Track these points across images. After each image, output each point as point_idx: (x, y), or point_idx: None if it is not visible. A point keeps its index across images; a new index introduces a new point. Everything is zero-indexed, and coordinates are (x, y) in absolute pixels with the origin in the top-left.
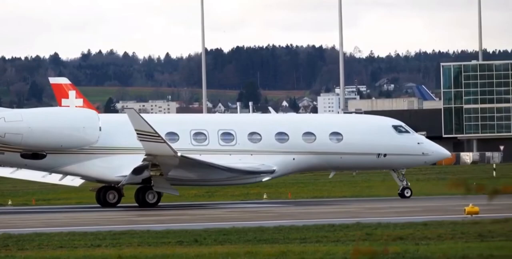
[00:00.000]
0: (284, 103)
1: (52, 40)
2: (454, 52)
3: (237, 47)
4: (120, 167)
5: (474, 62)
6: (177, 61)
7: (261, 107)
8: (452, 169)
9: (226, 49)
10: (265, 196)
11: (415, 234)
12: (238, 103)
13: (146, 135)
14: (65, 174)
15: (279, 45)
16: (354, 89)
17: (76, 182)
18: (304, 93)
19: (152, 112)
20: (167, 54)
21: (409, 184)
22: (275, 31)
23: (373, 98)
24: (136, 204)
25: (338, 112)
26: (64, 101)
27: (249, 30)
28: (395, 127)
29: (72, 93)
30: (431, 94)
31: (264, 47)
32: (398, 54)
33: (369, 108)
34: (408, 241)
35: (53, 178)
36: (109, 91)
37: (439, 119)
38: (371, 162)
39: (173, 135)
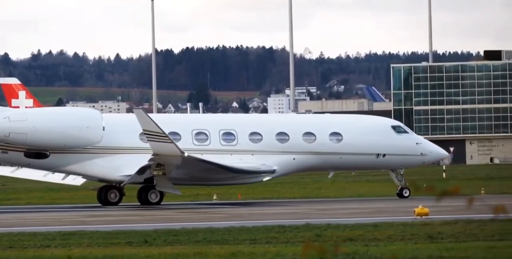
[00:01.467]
0: (234, 104)
1: (2, 40)
2: (404, 53)
3: (187, 48)
4: (122, 167)
5: (424, 63)
6: (127, 62)
7: (211, 108)
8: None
9: (176, 50)
10: (215, 197)
11: (365, 235)
12: (188, 104)
13: (154, 135)
14: (68, 173)
15: (229, 46)
16: (304, 91)
17: (78, 181)
18: (254, 94)
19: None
20: (117, 55)
21: (407, 183)
22: (226, 32)
23: (323, 99)
24: (138, 203)
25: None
26: (14, 101)
27: (200, 31)
28: (394, 128)
29: (22, 93)
30: (381, 96)
31: (214, 48)
32: (348, 55)
33: (319, 110)
34: (358, 242)
35: (55, 177)
36: (59, 92)
37: None
38: (370, 162)
39: (175, 135)
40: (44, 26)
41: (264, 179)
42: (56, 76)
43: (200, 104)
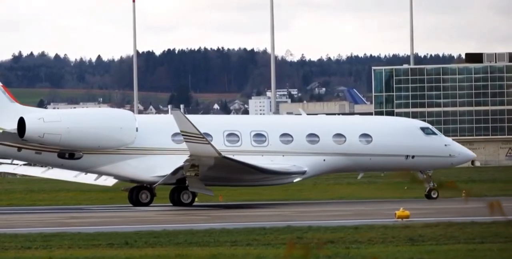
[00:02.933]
0: (216, 106)
1: None
2: (385, 56)
3: (169, 49)
4: (155, 168)
5: (405, 66)
6: (109, 64)
7: (193, 110)
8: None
9: (158, 52)
10: (196, 199)
11: (346, 238)
12: (169, 106)
13: (191, 136)
14: (101, 174)
15: (211, 48)
16: (286, 93)
17: (109, 182)
18: (235, 96)
19: None
20: (99, 57)
21: (435, 185)
22: (207, 33)
23: (305, 101)
24: (169, 204)
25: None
26: None
27: (181, 32)
28: (423, 129)
29: None
30: (362, 98)
31: (196, 50)
32: (329, 57)
33: (300, 112)
34: (339, 245)
35: (85, 178)
36: (41, 93)
37: None
38: (399, 163)
39: (206, 136)
40: (26, 27)
41: (295, 180)
42: (37, 78)
43: (182, 106)
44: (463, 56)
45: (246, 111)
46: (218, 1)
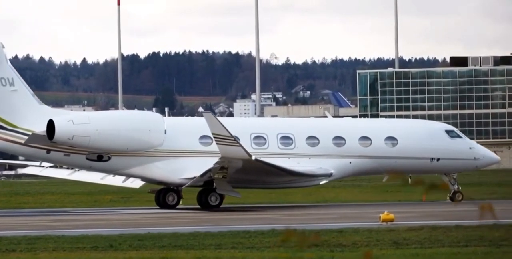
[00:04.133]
0: (200, 109)
1: None
2: (370, 59)
3: (154, 52)
4: (183, 170)
5: (390, 69)
6: (94, 67)
7: (177, 113)
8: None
9: (142, 55)
10: (181, 202)
11: (331, 241)
12: (154, 109)
13: (223, 138)
14: (129, 176)
15: (196, 51)
16: (270, 96)
17: (136, 183)
18: (220, 99)
19: None
20: (84, 59)
21: (460, 188)
22: (192, 37)
23: (289, 105)
24: (197, 206)
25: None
26: None
27: (166, 35)
28: (448, 132)
29: None
30: (347, 102)
31: (181, 53)
32: (314, 61)
33: (285, 115)
34: (324, 248)
35: (112, 180)
36: None
37: None
38: (424, 166)
39: None
40: (10, 30)
41: (321, 183)
42: None
43: (166, 109)
44: (448, 59)
45: (230, 115)
46: (203, 4)
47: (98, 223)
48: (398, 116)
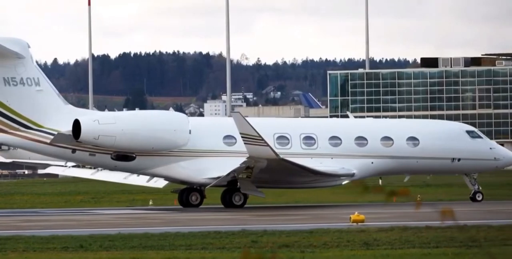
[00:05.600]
0: (171, 110)
1: None
2: (341, 60)
3: (124, 53)
4: (207, 169)
5: (360, 70)
6: (64, 67)
7: None
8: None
9: (113, 55)
10: (151, 203)
11: (301, 242)
12: (124, 110)
13: (251, 138)
14: (153, 175)
15: (166, 52)
16: (241, 97)
17: (160, 183)
18: (190, 100)
19: None
20: (55, 60)
21: (480, 188)
22: (163, 37)
23: (260, 105)
24: (221, 205)
25: None
26: None
27: (137, 36)
28: (469, 133)
29: None
30: (318, 102)
31: (151, 53)
32: (285, 61)
33: (256, 116)
34: (294, 249)
35: (135, 180)
36: None
37: None
38: (445, 166)
39: None
40: None
41: (343, 183)
42: None
43: (137, 109)
44: (419, 60)
45: (201, 115)
46: (174, 5)
47: (69, 224)
48: (369, 117)
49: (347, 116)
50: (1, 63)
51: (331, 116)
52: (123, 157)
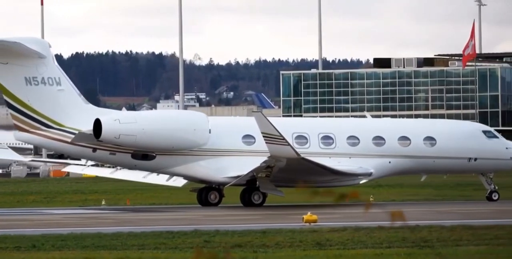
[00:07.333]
0: (123, 110)
1: None
2: (294, 60)
3: (77, 53)
4: (226, 169)
5: (313, 70)
6: None
7: None
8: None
9: (66, 55)
10: (103, 202)
11: (254, 242)
12: None
13: (272, 137)
14: (172, 174)
15: (119, 52)
16: (194, 97)
17: (179, 182)
18: (143, 100)
19: None
20: None
21: (496, 187)
22: (115, 37)
23: (213, 105)
24: (239, 204)
25: None
26: None
27: (89, 36)
28: (485, 133)
29: None
30: (271, 103)
31: (104, 53)
32: (238, 62)
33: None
34: (247, 249)
35: (155, 179)
36: None
37: None
38: (462, 166)
39: None
40: None
41: (361, 182)
42: None
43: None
44: (372, 61)
45: None
46: (126, 5)
47: (21, 223)
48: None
49: (300, 117)
50: (23, 63)
51: (284, 117)
52: (143, 156)
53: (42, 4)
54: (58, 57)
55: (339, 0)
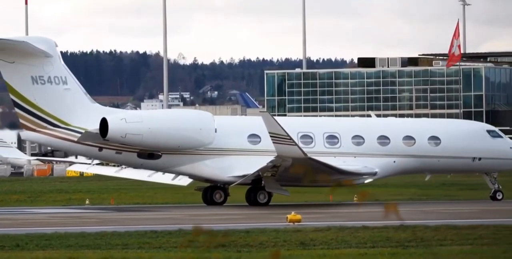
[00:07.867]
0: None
1: None
2: (278, 60)
3: (61, 52)
4: (231, 168)
5: (297, 70)
6: None
7: None
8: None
9: None
10: (87, 202)
11: (237, 242)
12: None
13: (280, 137)
14: (178, 173)
15: (103, 51)
16: (178, 96)
17: (184, 181)
18: (127, 99)
19: None
20: None
21: (500, 187)
22: (99, 36)
23: (197, 105)
24: (245, 203)
25: None
26: None
27: (73, 35)
28: (489, 132)
29: None
30: (255, 102)
31: (88, 52)
32: (222, 61)
33: None
34: (230, 249)
35: (160, 178)
36: None
37: None
38: (466, 165)
39: None
40: None
41: (366, 181)
42: None
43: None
44: (356, 60)
45: None
46: (111, 4)
47: (4, 223)
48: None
49: (284, 116)
50: (29, 62)
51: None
52: (149, 155)
53: (26, 3)
54: None
55: None
